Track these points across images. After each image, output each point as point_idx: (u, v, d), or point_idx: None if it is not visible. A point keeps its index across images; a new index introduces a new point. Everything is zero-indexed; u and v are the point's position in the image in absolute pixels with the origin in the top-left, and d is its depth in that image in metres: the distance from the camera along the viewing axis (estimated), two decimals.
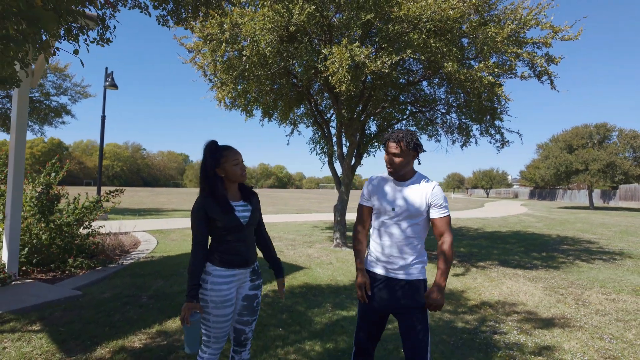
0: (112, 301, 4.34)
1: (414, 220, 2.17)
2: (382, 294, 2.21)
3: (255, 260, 2.31)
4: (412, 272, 2.17)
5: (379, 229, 2.28)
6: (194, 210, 2.13)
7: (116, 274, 5.58)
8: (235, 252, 2.18)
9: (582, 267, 7.22)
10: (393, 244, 2.19)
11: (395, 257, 2.19)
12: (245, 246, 2.21)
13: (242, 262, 2.20)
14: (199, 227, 2.12)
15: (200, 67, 7.37)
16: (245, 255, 2.21)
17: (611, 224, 17.00)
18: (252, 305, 2.27)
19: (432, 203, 2.15)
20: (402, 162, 2.18)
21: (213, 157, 2.16)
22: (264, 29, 5.81)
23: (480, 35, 6.39)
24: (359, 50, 5.36)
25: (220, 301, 2.11)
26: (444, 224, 2.16)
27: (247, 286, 2.27)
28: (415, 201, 2.17)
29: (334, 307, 4.41)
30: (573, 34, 6.65)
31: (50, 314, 3.86)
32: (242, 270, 2.22)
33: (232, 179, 2.20)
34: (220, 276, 2.13)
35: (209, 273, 2.14)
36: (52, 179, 6.03)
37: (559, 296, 5.23)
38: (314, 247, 8.64)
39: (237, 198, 2.26)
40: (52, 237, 5.61)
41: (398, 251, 2.18)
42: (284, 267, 6.41)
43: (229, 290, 2.15)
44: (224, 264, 2.15)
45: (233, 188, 2.25)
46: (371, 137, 9.34)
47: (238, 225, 2.17)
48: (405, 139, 2.17)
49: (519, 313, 4.46)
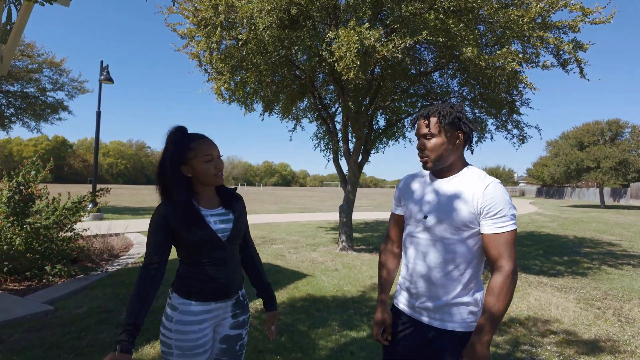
0: (87, 318, 3.77)
1: (456, 235, 1.50)
2: (407, 342, 1.59)
3: (240, 288, 1.72)
4: (450, 317, 1.51)
5: (407, 246, 1.65)
6: (151, 223, 1.54)
7: (99, 282, 5.02)
8: (212, 278, 1.60)
9: (612, 274, 6.59)
10: (424, 269, 1.55)
11: (426, 290, 1.55)
12: (226, 270, 1.63)
13: (221, 292, 1.62)
14: (155, 244, 1.52)
15: (194, 56, 6.78)
16: (226, 283, 1.63)
17: (627, 224, 16.32)
18: (233, 349, 1.70)
19: (485, 210, 1.45)
20: (438, 147, 1.53)
21: (177, 149, 1.56)
22: (262, 10, 5.21)
23: (502, 19, 5.75)
24: (369, 32, 4.75)
25: (190, 347, 1.54)
26: (501, 244, 1.43)
27: (227, 324, 1.69)
28: (457, 205, 1.50)
29: (341, 326, 3.81)
30: (605, 16, 5.99)
31: (8, 337, 3.29)
32: (221, 304, 1.64)
33: (203, 180, 1.61)
34: (190, 313, 1.56)
35: (175, 308, 1.56)
36: (31, 178, 5.47)
37: (596, 310, 4.61)
38: (318, 250, 8.05)
39: (214, 204, 1.66)
40: (28, 242, 5.05)
41: (430, 282, 1.54)
42: (286, 273, 5.89)
43: (202, 332, 1.57)
44: (195, 296, 1.58)
45: (207, 191, 1.66)
46: (379, 132, 8.72)
47: (215, 242, 1.59)
48: (440, 112, 1.53)
49: (556, 333, 3.85)
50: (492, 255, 1.46)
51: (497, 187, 1.49)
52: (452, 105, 1.57)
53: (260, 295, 1.85)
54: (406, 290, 1.63)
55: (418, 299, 1.57)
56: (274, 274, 5.82)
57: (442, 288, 1.52)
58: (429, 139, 1.54)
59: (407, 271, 1.63)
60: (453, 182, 1.56)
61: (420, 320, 1.56)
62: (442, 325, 1.51)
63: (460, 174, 1.57)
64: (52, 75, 16.07)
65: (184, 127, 1.63)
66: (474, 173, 1.56)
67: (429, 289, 1.54)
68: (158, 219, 1.53)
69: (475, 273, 1.54)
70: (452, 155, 1.56)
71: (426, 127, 1.54)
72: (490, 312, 1.40)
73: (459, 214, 1.49)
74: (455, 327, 1.50)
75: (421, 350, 1.54)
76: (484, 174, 1.56)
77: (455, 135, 1.55)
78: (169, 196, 1.57)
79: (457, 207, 1.50)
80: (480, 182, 1.50)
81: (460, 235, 1.50)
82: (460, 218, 1.49)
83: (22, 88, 15.33)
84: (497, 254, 1.44)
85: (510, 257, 1.43)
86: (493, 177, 1.54)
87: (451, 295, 1.51)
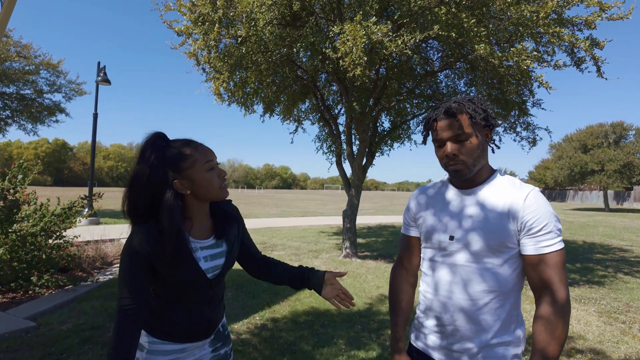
0: (71, 336, 3.45)
1: (495, 257, 1.20)
2: None
3: (220, 320, 1.41)
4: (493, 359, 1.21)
5: (430, 273, 1.35)
6: (128, 249, 1.18)
7: (87, 294, 4.70)
8: (192, 319, 1.29)
9: (630, 283, 6.26)
10: (460, 302, 1.24)
11: (464, 329, 1.23)
12: (209, 310, 1.33)
13: (200, 333, 1.32)
14: (134, 285, 1.17)
15: (192, 54, 6.49)
16: (209, 322, 1.33)
17: (635, 228, 16.02)
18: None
19: (527, 226, 1.16)
20: (474, 151, 1.22)
21: (167, 160, 1.20)
22: (262, 5, 4.92)
23: (514, 15, 5.46)
24: (376, 27, 4.45)
25: None
26: (551, 267, 1.14)
27: (206, 358, 1.36)
28: (493, 221, 1.20)
29: (349, 344, 3.49)
30: (623, 12, 5.69)
31: None
32: (199, 343, 1.33)
33: (205, 195, 1.26)
34: (160, 353, 1.26)
35: (143, 347, 1.26)
36: (18, 182, 5.16)
37: (620, 325, 4.28)
38: (320, 257, 7.73)
39: (205, 232, 1.32)
40: (13, 251, 4.75)
41: (468, 318, 1.22)
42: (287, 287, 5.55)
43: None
44: (168, 336, 1.27)
45: (201, 213, 1.30)
46: (384, 134, 8.41)
47: (202, 283, 1.28)
48: (469, 108, 1.23)
49: (582, 352, 3.53)
50: (538, 281, 1.17)
51: (540, 196, 1.20)
52: (472, 99, 1.27)
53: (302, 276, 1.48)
54: (436, 328, 1.31)
55: (455, 339, 1.25)
56: None
57: (484, 324, 1.21)
58: (464, 140, 1.23)
59: (437, 304, 1.31)
60: (486, 193, 1.26)
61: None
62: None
63: (491, 182, 1.28)
64: (49, 77, 15.76)
65: (163, 133, 1.27)
66: (507, 180, 1.27)
67: (470, 326, 1.23)
68: (136, 256, 1.17)
69: (516, 304, 1.24)
70: (484, 158, 1.28)
71: (458, 127, 1.22)
72: (544, 353, 1.11)
73: (496, 232, 1.20)
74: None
75: None
76: (518, 181, 1.27)
77: (485, 134, 1.27)
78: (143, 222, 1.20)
79: (492, 223, 1.21)
80: (517, 192, 1.21)
81: (496, 259, 1.21)
82: (497, 237, 1.20)
83: (18, 90, 15.05)
84: (546, 279, 1.15)
85: (561, 282, 1.14)
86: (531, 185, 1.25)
87: (491, 333, 1.21)
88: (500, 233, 1.19)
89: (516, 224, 1.18)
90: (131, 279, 1.17)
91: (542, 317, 1.14)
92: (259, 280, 1.80)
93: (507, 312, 1.22)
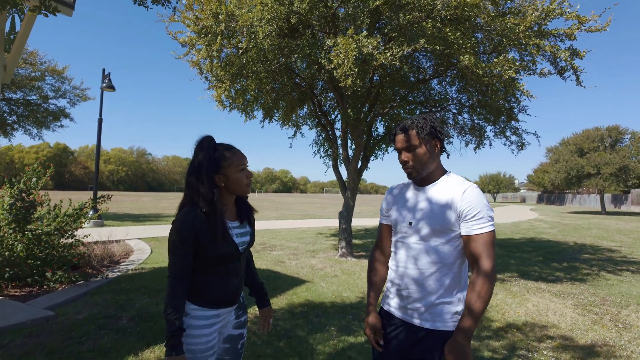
0: (86, 324, 3.79)
1: (441, 238, 1.56)
2: (397, 343, 1.63)
3: (242, 290, 1.78)
4: (438, 317, 1.56)
5: (396, 251, 1.72)
6: (177, 232, 1.52)
7: (98, 289, 5.04)
8: (226, 288, 1.64)
9: (611, 280, 6.59)
10: (413, 272, 1.60)
11: (414, 292, 1.59)
12: (237, 279, 1.70)
13: (231, 299, 1.68)
14: (183, 257, 1.52)
15: (195, 64, 6.87)
16: (237, 290, 1.70)
17: (628, 230, 16.29)
18: (236, 348, 1.76)
19: (464, 213, 1.52)
20: (421, 158, 1.60)
21: (212, 158, 1.58)
22: (262, 19, 5.29)
23: (499, 27, 5.83)
24: (367, 40, 4.82)
25: (201, 350, 1.57)
26: (480, 245, 1.48)
27: (230, 325, 1.75)
28: (440, 210, 1.56)
29: (340, 331, 3.84)
30: (600, 24, 6.06)
31: (10, 341, 3.32)
32: (229, 309, 1.69)
33: (234, 189, 1.64)
34: (201, 318, 1.59)
35: (187, 314, 1.58)
36: (32, 185, 5.52)
37: (593, 316, 4.62)
38: (317, 256, 8.07)
39: (233, 217, 1.70)
40: (29, 249, 5.09)
41: (417, 284, 1.59)
42: (286, 279, 5.91)
43: (211, 336, 1.61)
44: (209, 304, 1.61)
45: (230, 203, 1.68)
46: (378, 138, 8.77)
47: (234, 255, 1.64)
48: (417, 125, 1.60)
49: (553, 338, 3.86)
50: (471, 255, 1.52)
51: (475, 191, 1.55)
52: (426, 117, 1.65)
53: (255, 293, 1.91)
54: (396, 293, 1.67)
55: (408, 300, 1.61)
56: (273, 280, 5.84)
57: (429, 289, 1.57)
58: (411, 150, 1.61)
59: (397, 275, 1.68)
60: (434, 189, 1.63)
61: (411, 322, 1.60)
62: (432, 326, 1.55)
63: (440, 181, 1.64)
64: (54, 83, 16.19)
65: (212, 137, 1.65)
66: (453, 179, 1.63)
67: (418, 290, 1.59)
68: (187, 233, 1.51)
69: (459, 273, 1.59)
70: (433, 163, 1.64)
71: (407, 140, 1.61)
72: (471, 309, 1.45)
73: (442, 218, 1.56)
74: (442, 326, 1.55)
75: (411, 350, 1.58)
76: (462, 179, 1.63)
77: (433, 144, 1.63)
78: (194, 206, 1.55)
79: (439, 212, 1.57)
80: (458, 188, 1.57)
81: (443, 239, 1.56)
82: (443, 222, 1.55)
83: (24, 96, 15.45)
84: (477, 254, 1.49)
85: (489, 256, 1.48)
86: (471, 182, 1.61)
87: (438, 295, 1.56)
88: (443, 220, 1.55)
89: (456, 213, 1.54)
90: (181, 250, 1.52)
91: (472, 282, 1.48)
92: None
93: (450, 279, 1.57)
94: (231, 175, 1.60)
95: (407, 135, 1.60)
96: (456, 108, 8.68)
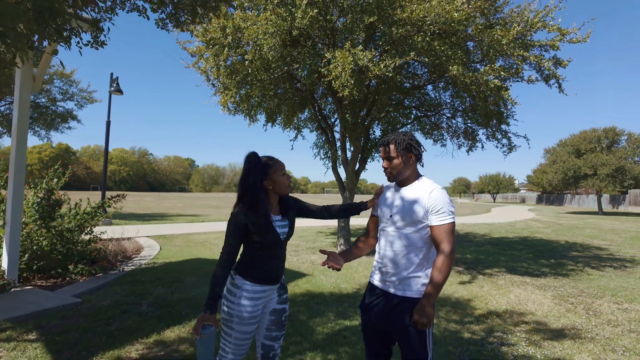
0: (111, 309, 4.26)
1: (412, 228, 2.01)
2: (378, 310, 2.08)
3: (283, 273, 2.22)
4: (409, 287, 2.00)
5: (379, 238, 2.19)
6: (233, 220, 1.98)
7: (116, 280, 5.51)
8: (270, 268, 2.07)
9: (592, 275, 7.04)
10: (390, 254, 2.06)
11: (390, 269, 2.05)
12: (279, 262, 2.13)
13: (274, 278, 2.11)
14: (234, 239, 1.98)
15: (203, 71, 7.34)
16: (278, 271, 2.13)
17: (621, 230, 16.70)
18: (280, 320, 2.17)
19: (430, 208, 1.96)
20: (396, 166, 2.06)
21: (260, 167, 2.02)
22: (266, 33, 5.76)
23: (486, 38, 6.28)
24: (362, 53, 5.28)
25: (247, 317, 1.99)
26: (441, 233, 1.92)
27: (275, 300, 2.17)
28: (411, 206, 2.01)
29: (337, 316, 4.30)
30: (581, 36, 6.51)
31: (47, 322, 3.79)
32: (272, 287, 2.12)
33: (279, 190, 2.09)
34: (251, 291, 2.02)
35: (239, 287, 2.02)
36: (54, 185, 5.99)
37: (568, 305, 5.07)
38: (317, 253, 8.53)
39: (276, 212, 2.14)
40: (52, 243, 5.56)
41: (393, 262, 2.04)
42: (287, 273, 6.36)
43: (256, 307, 2.03)
44: (256, 280, 2.04)
45: (274, 201, 2.13)
46: (375, 141, 9.22)
47: (278, 243, 2.07)
48: (395, 141, 2.06)
49: (528, 323, 4.32)
50: (435, 240, 1.97)
51: (439, 192, 2.00)
52: (405, 134, 2.11)
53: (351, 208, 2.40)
54: (378, 270, 2.13)
55: (387, 275, 2.07)
56: None
57: (402, 266, 2.03)
58: (390, 160, 2.08)
59: (379, 256, 2.14)
60: (409, 190, 2.09)
61: (388, 291, 2.06)
62: (403, 294, 2.00)
63: (414, 184, 2.10)
64: (62, 86, 16.70)
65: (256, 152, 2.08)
66: (425, 183, 2.09)
67: (394, 267, 2.04)
68: (239, 224, 1.97)
69: (426, 255, 2.03)
70: (408, 170, 2.09)
71: (387, 152, 2.09)
72: (434, 281, 1.90)
73: (413, 212, 2.01)
74: (412, 294, 2.00)
75: (388, 316, 2.03)
76: (431, 182, 2.08)
77: (408, 157, 2.08)
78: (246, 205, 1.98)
79: (412, 207, 2.02)
80: (427, 189, 2.02)
81: (414, 228, 2.01)
82: (414, 215, 2.01)
83: (34, 98, 15.93)
84: (439, 240, 1.94)
85: (449, 242, 1.92)
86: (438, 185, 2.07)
87: (408, 271, 2.01)
88: (414, 214, 2.01)
89: (424, 208, 2.00)
90: (233, 236, 1.98)
91: (435, 260, 1.94)
92: None
93: (419, 259, 2.01)
94: (277, 179, 2.05)
95: (388, 148, 2.07)
96: (450, 112, 9.13)
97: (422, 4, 5.27)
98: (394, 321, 2.01)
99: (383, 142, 2.12)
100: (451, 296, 5.35)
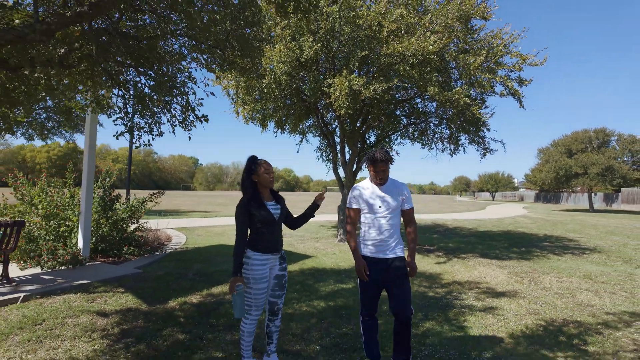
0: (167, 276, 5.70)
1: (394, 213, 3.10)
2: (378, 270, 3.17)
3: (282, 248, 3.04)
4: (397, 251, 3.06)
5: (370, 223, 3.24)
6: (239, 207, 2.80)
7: (162, 259, 6.95)
8: (269, 240, 2.87)
9: (551, 259, 8.39)
10: (383, 233, 3.02)
11: (386, 241, 3.03)
12: (276, 236, 2.94)
13: (273, 248, 2.90)
14: (242, 221, 2.77)
15: (225, 88, 8.77)
16: (276, 243, 2.93)
17: (602, 225, 17.84)
18: (281, 283, 2.99)
19: (405, 199, 3.18)
20: (387, 174, 3.20)
21: (249, 167, 2.92)
22: (280, 61, 7.17)
23: (460, 62, 7.67)
24: (356, 80, 6.69)
25: (259, 277, 2.79)
26: (411, 214, 3.13)
27: (277, 268, 2.98)
28: (395, 199, 3.09)
29: (336, 281, 5.72)
30: (539, 60, 7.90)
31: (126, 283, 5.23)
32: (273, 256, 2.92)
33: (263, 184, 2.91)
34: (258, 259, 2.82)
35: (250, 257, 2.81)
36: (106, 183, 7.44)
37: (518, 278, 6.46)
38: (320, 241, 9.96)
39: (270, 199, 3.11)
40: (110, 230, 7.00)
41: (387, 237, 3.03)
42: (296, 255, 7.82)
43: (264, 270, 2.83)
44: (260, 250, 2.83)
45: (266, 192, 2.98)
46: (371, 146, 10.64)
47: (272, 219, 2.88)
48: (387, 157, 3.17)
49: (480, 288, 5.72)
50: (409, 220, 3.23)
51: (406, 186, 3.30)
52: (388, 151, 3.38)
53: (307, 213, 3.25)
54: (372, 244, 3.23)
55: (382, 247, 3.23)
56: (287, 256, 7.72)
57: (390, 239, 3.23)
58: (385, 170, 3.26)
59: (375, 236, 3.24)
60: (390, 188, 3.27)
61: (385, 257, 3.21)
62: (395, 255, 3.20)
63: (389, 182, 3.32)
64: None
65: (256, 155, 3.20)
66: (395, 181, 3.31)
67: (388, 239, 3.23)
68: (242, 206, 2.79)
69: (398, 228, 3.34)
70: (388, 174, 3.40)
71: (384, 164, 3.24)
72: (413, 247, 3.18)
73: (396, 202, 3.25)
74: (400, 253, 3.20)
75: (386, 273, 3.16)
76: (399, 181, 3.34)
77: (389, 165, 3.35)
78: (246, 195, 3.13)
79: (395, 199, 3.23)
80: (402, 186, 3.25)
81: (393, 214, 3.22)
82: (396, 204, 3.25)
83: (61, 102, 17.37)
84: (409, 219, 3.23)
85: (414, 219, 3.23)
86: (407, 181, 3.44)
87: (395, 242, 3.21)
88: (394, 203, 3.29)
89: (400, 198, 3.31)
90: (241, 217, 2.80)
91: (408, 232, 3.22)
92: None
93: (397, 234, 3.26)
94: (260, 175, 2.88)
95: (385, 162, 3.20)
96: (436, 120, 10.52)
97: (403, 41, 6.67)
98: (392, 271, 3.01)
99: (383, 160, 3.16)
100: (426, 271, 6.75)
